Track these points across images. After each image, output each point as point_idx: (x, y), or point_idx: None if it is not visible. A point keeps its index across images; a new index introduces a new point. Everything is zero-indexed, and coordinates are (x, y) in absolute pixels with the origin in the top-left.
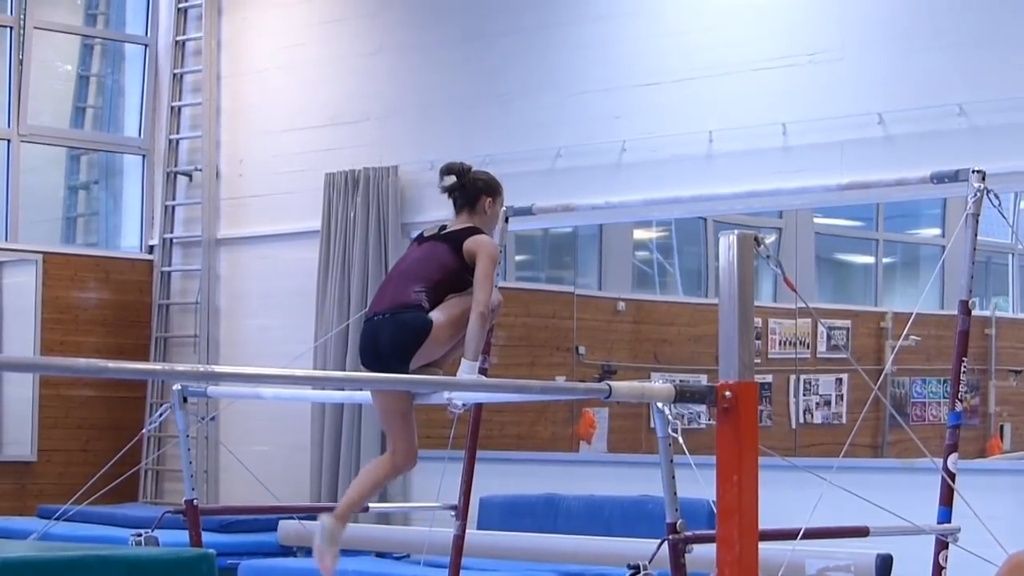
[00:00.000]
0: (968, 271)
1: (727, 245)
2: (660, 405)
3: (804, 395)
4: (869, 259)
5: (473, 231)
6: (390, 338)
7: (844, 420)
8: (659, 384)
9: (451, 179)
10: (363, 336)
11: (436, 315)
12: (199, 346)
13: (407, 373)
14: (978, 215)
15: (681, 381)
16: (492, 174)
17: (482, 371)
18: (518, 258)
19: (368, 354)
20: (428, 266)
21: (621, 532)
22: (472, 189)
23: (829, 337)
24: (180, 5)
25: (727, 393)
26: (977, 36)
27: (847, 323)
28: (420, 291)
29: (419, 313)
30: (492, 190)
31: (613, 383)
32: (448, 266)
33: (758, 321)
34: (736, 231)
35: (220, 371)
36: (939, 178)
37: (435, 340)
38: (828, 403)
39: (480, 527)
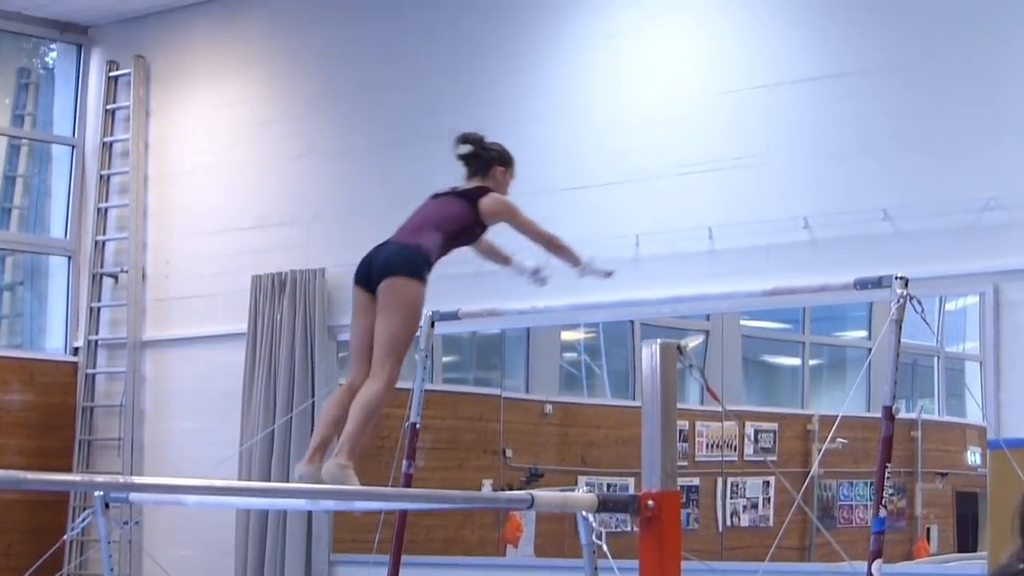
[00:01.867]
0: (892, 377)
1: (650, 354)
2: (584, 513)
3: (731, 498)
4: (796, 361)
5: (487, 190)
6: (386, 257)
7: (771, 523)
8: (582, 493)
9: (467, 147)
10: (363, 259)
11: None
12: (123, 449)
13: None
14: (901, 321)
15: (608, 485)
16: (503, 145)
17: (406, 476)
18: (445, 359)
19: (361, 271)
20: (444, 217)
21: None
22: (486, 158)
23: (756, 440)
24: (108, 107)
25: (650, 503)
26: (901, 142)
27: (774, 426)
28: (433, 237)
29: (421, 253)
30: (505, 160)
31: (536, 492)
32: (463, 218)
33: (685, 424)
34: (659, 341)
35: (140, 482)
36: (863, 284)
37: (410, 284)
38: (755, 506)
39: None
